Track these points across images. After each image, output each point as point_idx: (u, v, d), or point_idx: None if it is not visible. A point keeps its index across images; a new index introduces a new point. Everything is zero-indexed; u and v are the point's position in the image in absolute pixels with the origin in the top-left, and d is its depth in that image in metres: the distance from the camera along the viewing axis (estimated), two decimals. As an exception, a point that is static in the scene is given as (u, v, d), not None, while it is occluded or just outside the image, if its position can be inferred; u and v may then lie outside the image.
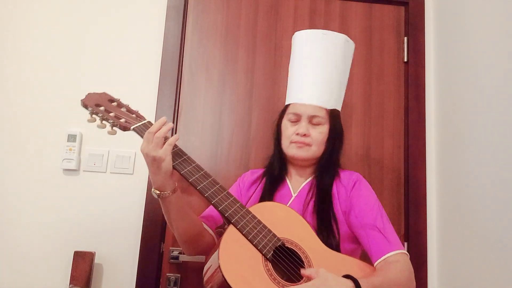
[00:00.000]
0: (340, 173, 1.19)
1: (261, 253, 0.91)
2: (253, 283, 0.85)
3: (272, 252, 0.92)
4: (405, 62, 1.85)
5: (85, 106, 1.00)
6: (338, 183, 1.16)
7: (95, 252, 1.56)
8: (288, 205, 1.14)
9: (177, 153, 0.99)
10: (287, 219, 1.01)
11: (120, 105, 1.05)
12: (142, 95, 1.71)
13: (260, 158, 1.71)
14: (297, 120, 1.16)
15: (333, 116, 1.17)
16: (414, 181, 1.73)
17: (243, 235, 0.92)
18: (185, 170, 0.97)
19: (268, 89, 1.77)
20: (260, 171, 1.29)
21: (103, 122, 1.00)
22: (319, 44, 1.20)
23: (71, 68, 1.71)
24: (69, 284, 1.49)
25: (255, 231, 0.93)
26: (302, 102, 1.16)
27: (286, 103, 1.24)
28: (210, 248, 1.05)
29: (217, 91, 1.76)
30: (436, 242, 1.69)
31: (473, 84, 1.51)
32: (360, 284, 0.86)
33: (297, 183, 1.19)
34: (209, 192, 0.95)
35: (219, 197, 0.96)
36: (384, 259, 0.99)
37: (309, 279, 0.87)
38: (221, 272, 0.83)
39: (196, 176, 0.97)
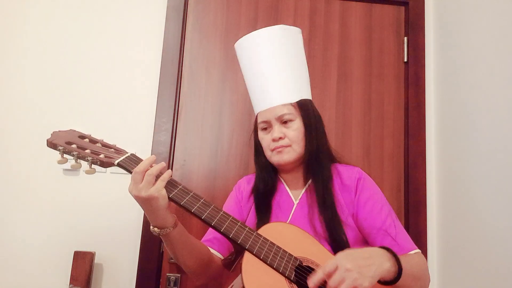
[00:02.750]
0: (339, 169, 1.12)
1: (284, 275, 0.88)
2: None
3: (294, 273, 0.89)
4: (405, 62, 1.85)
5: (54, 145, 0.88)
6: (339, 181, 1.09)
7: (95, 252, 1.56)
8: (291, 214, 1.09)
9: (171, 183, 0.90)
10: (295, 237, 0.98)
11: (92, 140, 0.94)
12: (142, 95, 1.71)
13: (260, 158, 1.71)
14: (268, 127, 1.09)
15: (303, 106, 1.09)
16: (414, 181, 1.73)
17: (261, 260, 0.87)
18: (184, 200, 0.88)
19: (268, 89, 1.77)
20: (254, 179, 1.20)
21: (78, 161, 0.89)
22: (260, 45, 1.12)
23: (72, 68, 1.71)
24: (69, 284, 1.49)
25: (272, 253, 0.89)
26: (266, 107, 1.09)
27: (256, 114, 1.16)
28: (220, 273, 1.02)
29: (217, 91, 1.76)
30: (436, 242, 1.69)
31: (473, 84, 1.51)
32: (395, 253, 0.85)
33: (297, 190, 1.13)
34: (215, 221, 0.89)
35: (226, 224, 0.90)
36: None
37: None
38: None
39: (198, 205, 0.89)
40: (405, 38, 1.86)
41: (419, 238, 1.69)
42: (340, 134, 1.77)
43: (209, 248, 1.07)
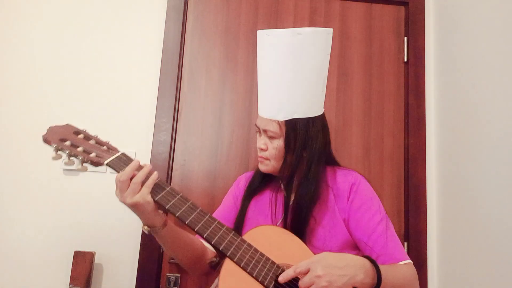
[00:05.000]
0: (336, 173, 1.09)
1: (263, 285, 0.87)
2: None
3: (273, 282, 0.88)
4: (405, 62, 1.85)
5: (48, 142, 0.89)
6: (335, 187, 1.07)
7: (95, 252, 1.56)
8: (283, 216, 1.08)
9: (159, 186, 0.90)
10: (282, 242, 0.96)
11: (87, 137, 0.94)
12: (142, 95, 1.71)
13: (260, 158, 1.71)
14: (259, 132, 1.08)
15: (289, 126, 1.03)
16: (414, 181, 1.73)
17: (241, 268, 0.87)
18: (170, 203, 0.89)
19: (268, 89, 1.77)
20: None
21: (71, 158, 0.89)
22: (267, 46, 1.03)
23: (71, 68, 1.71)
24: (69, 284, 1.49)
25: (253, 261, 0.88)
26: (260, 114, 1.07)
27: None
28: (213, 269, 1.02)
29: (217, 91, 1.76)
30: (436, 242, 1.69)
31: (473, 84, 1.51)
32: (375, 262, 0.85)
33: (291, 193, 1.12)
34: (199, 226, 0.88)
35: (210, 229, 0.89)
36: None
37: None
38: None
39: (183, 209, 0.89)
40: (405, 38, 1.86)
41: (419, 237, 1.69)
42: (340, 134, 1.77)
43: (204, 242, 1.08)
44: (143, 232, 1.60)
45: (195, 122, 1.73)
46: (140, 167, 0.89)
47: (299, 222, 1.01)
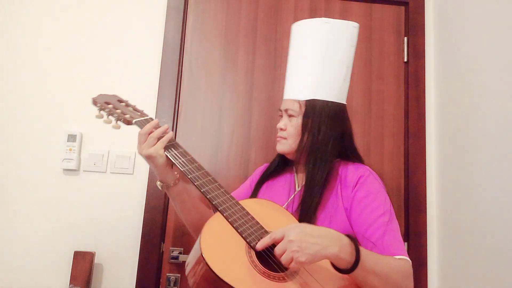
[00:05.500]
0: (348, 166, 1.12)
1: (246, 240, 0.89)
2: (232, 266, 0.84)
3: (257, 241, 0.90)
4: (405, 62, 1.85)
5: (95, 102, 1.09)
6: (344, 177, 1.09)
7: (95, 252, 1.56)
8: (291, 198, 1.12)
9: (174, 145, 1.05)
10: (275, 214, 1.00)
11: (127, 105, 1.15)
12: (142, 95, 1.71)
13: (260, 158, 1.71)
14: (281, 115, 1.17)
15: (309, 106, 1.10)
16: (414, 181, 1.73)
17: (229, 222, 0.92)
18: (179, 160, 1.02)
19: (268, 89, 1.77)
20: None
21: (109, 117, 1.09)
22: (306, 35, 1.16)
23: (71, 68, 1.71)
24: (69, 284, 1.49)
25: (242, 220, 0.94)
26: (284, 97, 1.17)
27: None
28: None
29: (217, 91, 1.76)
30: (436, 242, 1.69)
31: (473, 84, 1.51)
32: (355, 241, 0.84)
33: (301, 178, 1.16)
34: (200, 181, 0.99)
35: (210, 186, 0.99)
36: None
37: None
38: (201, 254, 0.81)
39: (190, 166, 1.01)
40: (405, 38, 1.86)
41: (419, 237, 1.69)
42: (340, 134, 1.77)
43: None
44: (143, 232, 1.60)
45: (195, 122, 1.73)
46: (158, 126, 1.04)
47: (306, 205, 1.04)
